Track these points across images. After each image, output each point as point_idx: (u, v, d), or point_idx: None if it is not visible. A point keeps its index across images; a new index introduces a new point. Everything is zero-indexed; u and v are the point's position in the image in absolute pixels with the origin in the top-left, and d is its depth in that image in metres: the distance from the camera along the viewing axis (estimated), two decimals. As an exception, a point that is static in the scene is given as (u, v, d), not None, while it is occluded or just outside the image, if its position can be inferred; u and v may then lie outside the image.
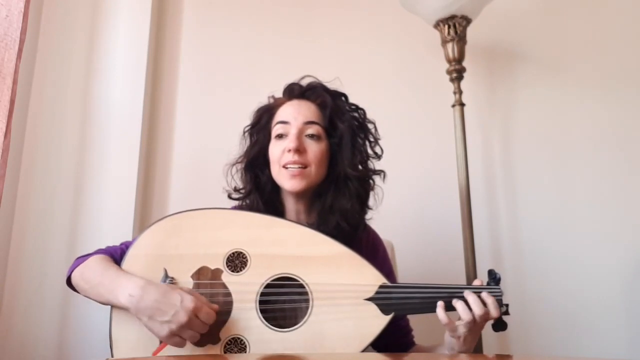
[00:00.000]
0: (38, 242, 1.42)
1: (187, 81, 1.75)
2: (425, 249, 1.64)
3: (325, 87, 1.13)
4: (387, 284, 0.92)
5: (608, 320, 1.60)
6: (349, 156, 1.07)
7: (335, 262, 0.93)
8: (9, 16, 1.25)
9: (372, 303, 0.91)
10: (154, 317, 0.84)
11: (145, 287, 0.86)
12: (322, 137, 1.07)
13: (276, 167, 1.06)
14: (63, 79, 1.54)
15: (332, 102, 1.09)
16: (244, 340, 0.89)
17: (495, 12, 1.71)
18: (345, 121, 1.09)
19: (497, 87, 1.81)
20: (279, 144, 1.06)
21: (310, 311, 0.90)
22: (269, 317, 0.90)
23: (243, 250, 0.94)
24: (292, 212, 1.10)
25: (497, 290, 0.92)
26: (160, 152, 1.68)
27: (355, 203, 1.07)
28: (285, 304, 0.91)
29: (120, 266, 0.93)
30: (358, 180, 1.07)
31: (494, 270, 0.96)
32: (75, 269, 0.96)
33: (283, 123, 1.07)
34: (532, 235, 1.68)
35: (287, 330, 0.89)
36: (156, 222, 0.96)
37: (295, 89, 1.13)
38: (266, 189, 1.09)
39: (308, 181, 1.04)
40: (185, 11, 1.80)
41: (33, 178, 1.45)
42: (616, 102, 1.77)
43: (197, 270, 0.93)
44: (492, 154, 1.76)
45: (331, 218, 1.05)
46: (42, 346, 1.37)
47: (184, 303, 0.84)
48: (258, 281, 0.92)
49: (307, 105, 1.09)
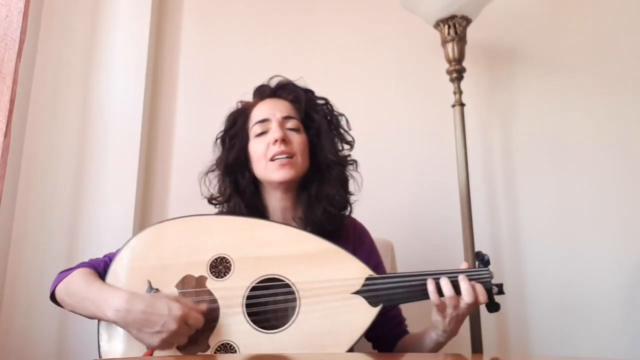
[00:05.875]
0: (38, 242, 1.42)
1: (187, 81, 1.74)
2: (425, 249, 1.63)
3: (295, 83, 1.16)
4: (373, 275, 0.92)
5: (608, 320, 1.60)
6: (329, 144, 1.10)
7: (320, 259, 0.93)
8: (9, 16, 1.25)
9: (360, 296, 0.91)
10: (143, 329, 0.84)
11: (131, 299, 0.86)
12: (300, 129, 1.09)
13: (262, 162, 1.07)
14: (63, 79, 1.54)
15: (305, 96, 1.13)
16: (234, 345, 0.88)
17: (495, 12, 1.70)
18: (320, 112, 1.13)
19: (497, 87, 1.81)
20: (261, 140, 1.07)
21: (298, 310, 0.90)
22: (258, 320, 0.90)
23: (226, 255, 0.93)
24: (277, 210, 1.10)
25: (485, 272, 0.92)
26: (160, 153, 1.67)
27: (340, 188, 1.09)
28: (273, 305, 0.91)
29: (105, 280, 0.93)
30: (339, 166, 1.10)
31: (481, 252, 0.96)
32: (60, 284, 0.95)
33: (262, 121, 1.09)
34: (532, 235, 1.68)
35: (276, 331, 0.89)
36: (137, 235, 0.96)
37: (266, 89, 1.16)
38: (247, 191, 1.09)
39: (296, 170, 1.05)
40: (185, 11, 1.80)
41: (33, 178, 1.45)
42: (616, 102, 1.77)
43: (182, 279, 0.92)
44: (492, 154, 1.76)
45: (318, 205, 1.06)
46: (42, 346, 1.37)
47: (172, 311, 0.84)
48: (243, 285, 0.91)
49: (280, 102, 1.12)
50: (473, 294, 0.87)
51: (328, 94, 1.19)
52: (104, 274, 0.94)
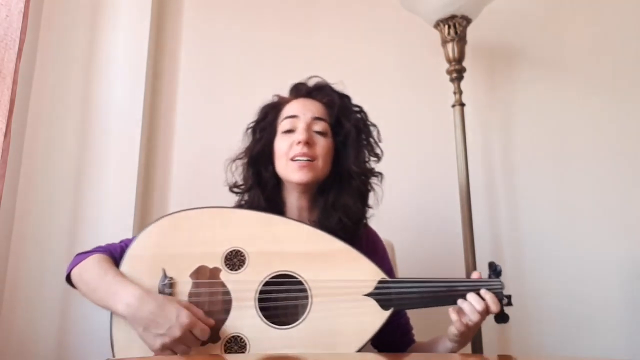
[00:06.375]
0: (38, 242, 1.42)
1: (187, 81, 1.74)
2: (425, 249, 1.63)
3: (332, 87, 1.15)
4: (386, 279, 0.93)
5: (608, 320, 1.60)
6: (354, 154, 1.09)
7: (334, 259, 0.94)
8: (9, 16, 1.25)
9: (372, 298, 0.91)
10: (148, 329, 0.85)
11: (142, 297, 0.86)
12: (328, 134, 1.09)
13: (283, 160, 1.07)
14: (63, 79, 1.54)
15: (339, 101, 1.12)
16: (244, 339, 0.89)
17: (495, 12, 1.70)
18: (352, 120, 1.11)
19: (497, 87, 1.81)
20: (287, 138, 1.08)
21: (310, 308, 0.90)
22: (269, 315, 0.90)
23: (241, 248, 0.94)
24: (294, 208, 1.10)
25: (497, 283, 0.93)
26: (160, 152, 1.67)
27: (357, 200, 1.08)
28: (285, 301, 0.91)
29: (120, 266, 0.93)
30: (360, 178, 1.09)
31: (494, 262, 0.96)
32: (74, 268, 0.96)
33: (291, 117, 1.09)
34: (532, 234, 1.68)
35: (286, 327, 0.89)
36: (154, 222, 0.96)
37: (303, 88, 1.15)
38: (268, 185, 1.10)
39: (315, 174, 1.05)
40: (185, 11, 1.80)
41: (33, 178, 1.45)
42: (616, 102, 1.78)
43: (196, 269, 0.93)
44: (492, 154, 1.76)
45: (334, 214, 1.06)
46: (42, 346, 1.37)
47: (180, 318, 0.84)
48: (257, 279, 0.92)
49: (313, 103, 1.12)
50: (485, 307, 0.89)
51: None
52: (120, 260, 0.94)
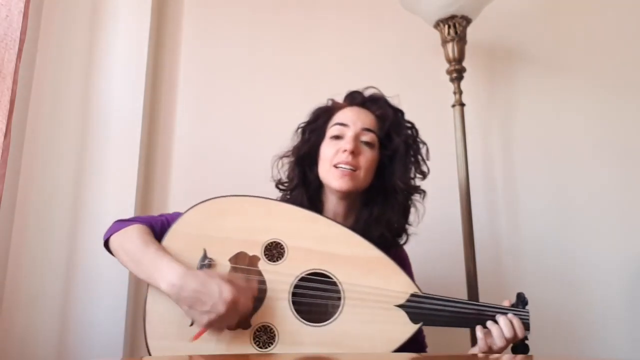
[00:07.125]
0: (38, 242, 1.42)
1: (187, 81, 1.74)
2: (425, 249, 1.63)
3: (387, 100, 1.16)
4: (419, 293, 0.94)
5: (609, 321, 1.60)
6: (401, 170, 1.10)
7: (370, 265, 0.95)
8: (9, 16, 1.25)
9: (402, 310, 0.92)
10: (194, 307, 0.86)
11: (185, 276, 0.87)
12: (375, 146, 1.10)
13: (326, 165, 1.08)
14: (63, 79, 1.54)
15: (392, 115, 1.13)
16: (274, 329, 0.90)
17: (495, 12, 1.70)
18: (402, 135, 1.12)
19: (497, 87, 1.81)
20: (334, 144, 1.09)
21: (342, 310, 0.91)
22: (300, 310, 0.91)
23: (282, 241, 0.96)
24: (330, 212, 1.12)
25: (524, 313, 0.97)
26: (160, 152, 1.67)
27: (401, 216, 1.11)
28: (318, 299, 0.92)
29: (162, 240, 0.95)
30: (405, 194, 1.10)
31: (522, 293, 1.00)
32: (115, 235, 0.97)
33: (341, 125, 1.10)
34: (532, 235, 1.68)
35: (317, 325, 0.90)
36: (201, 202, 0.98)
37: (357, 97, 1.16)
38: (312, 186, 1.12)
39: (355, 183, 1.06)
40: (185, 11, 1.80)
41: (33, 178, 1.45)
42: (616, 102, 1.78)
43: (235, 255, 0.94)
44: (492, 154, 1.76)
45: (377, 228, 1.07)
46: (42, 346, 1.36)
47: (223, 294, 0.84)
48: (293, 273, 0.93)
49: (366, 113, 1.13)
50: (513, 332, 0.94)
51: (327, 93, 1.20)
52: (160, 234, 0.96)
